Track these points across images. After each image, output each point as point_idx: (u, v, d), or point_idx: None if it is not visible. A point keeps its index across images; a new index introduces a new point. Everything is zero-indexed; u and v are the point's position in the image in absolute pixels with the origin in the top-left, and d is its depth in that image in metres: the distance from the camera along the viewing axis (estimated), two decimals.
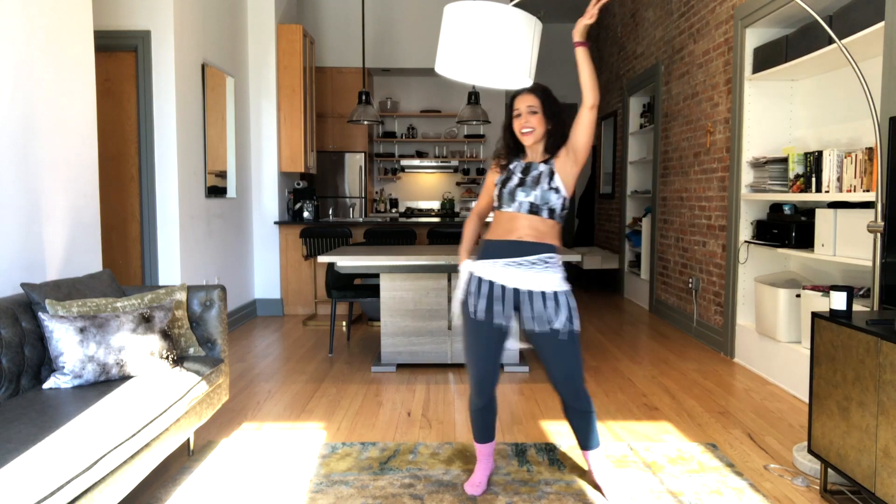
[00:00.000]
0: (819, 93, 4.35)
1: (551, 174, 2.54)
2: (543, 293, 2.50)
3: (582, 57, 2.50)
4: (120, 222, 4.88)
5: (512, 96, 2.62)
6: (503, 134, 2.66)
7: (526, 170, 2.58)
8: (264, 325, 6.15)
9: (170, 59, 4.77)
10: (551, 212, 2.52)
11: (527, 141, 2.57)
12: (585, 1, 9.41)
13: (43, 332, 2.62)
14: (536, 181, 2.53)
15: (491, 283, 2.53)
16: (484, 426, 2.72)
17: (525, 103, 2.56)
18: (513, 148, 2.63)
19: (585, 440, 2.68)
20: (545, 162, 2.58)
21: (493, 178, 2.67)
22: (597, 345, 5.33)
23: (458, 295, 2.63)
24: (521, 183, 2.54)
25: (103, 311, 2.80)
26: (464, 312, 2.59)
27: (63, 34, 3.36)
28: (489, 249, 2.56)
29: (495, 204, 2.61)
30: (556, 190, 2.52)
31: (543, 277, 2.50)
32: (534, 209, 2.51)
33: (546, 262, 2.51)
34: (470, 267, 2.59)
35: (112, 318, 2.71)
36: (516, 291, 2.51)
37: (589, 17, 2.48)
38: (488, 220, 2.75)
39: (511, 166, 2.62)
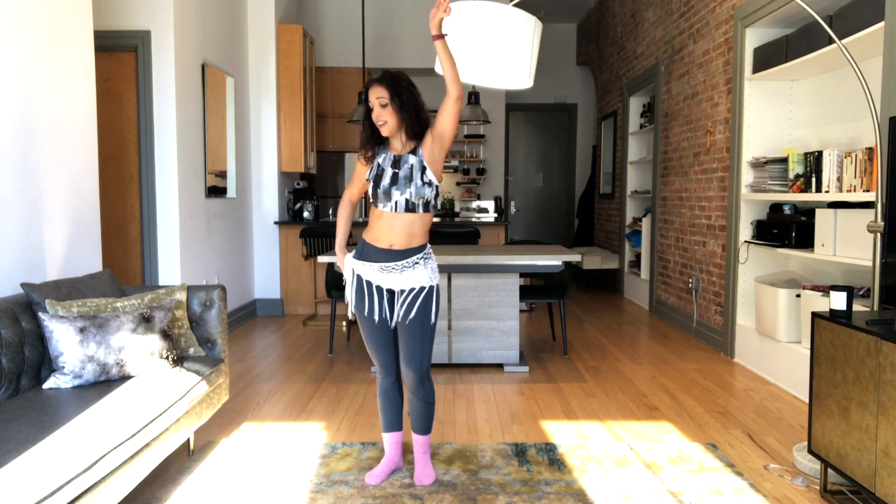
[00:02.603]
0: (819, 93, 4.35)
1: (423, 168, 2.61)
2: (413, 289, 2.67)
3: (441, 50, 2.52)
4: (120, 222, 4.88)
5: (365, 86, 2.64)
6: (363, 123, 2.68)
7: (396, 163, 2.64)
8: (264, 325, 6.15)
9: (170, 59, 4.77)
10: (426, 205, 2.63)
11: (384, 132, 2.61)
12: (584, 1, 9.34)
13: (43, 332, 2.62)
14: (409, 177, 2.60)
15: (369, 283, 2.70)
16: (392, 410, 2.84)
17: (375, 95, 2.58)
18: (375, 137, 2.67)
19: (419, 425, 2.81)
20: (413, 152, 2.64)
21: (361, 169, 2.74)
22: (597, 345, 5.33)
23: (349, 291, 2.76)
24: (395, 180, 2.61)
25: (103, 311, 2.80)
26: (356, 308, 2.73)
27: (63, 34, 3.36)
28: (366, 253, 2.68)
29: (371, 200, 2.70)
30: (429, 183, 2.61)
31: (414, 276, 2.67)
32: (410, 206, 2.61)
33: (417, 262, 2.66)
34: (351, 265, 2.73)
35: (112, 318, 2.71)
36: (390, 290, 2.71)
37: (443, 10, 2.47)
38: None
39: (380, 160, 2.67)
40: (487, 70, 2.65)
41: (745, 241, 4.68)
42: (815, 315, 2.71)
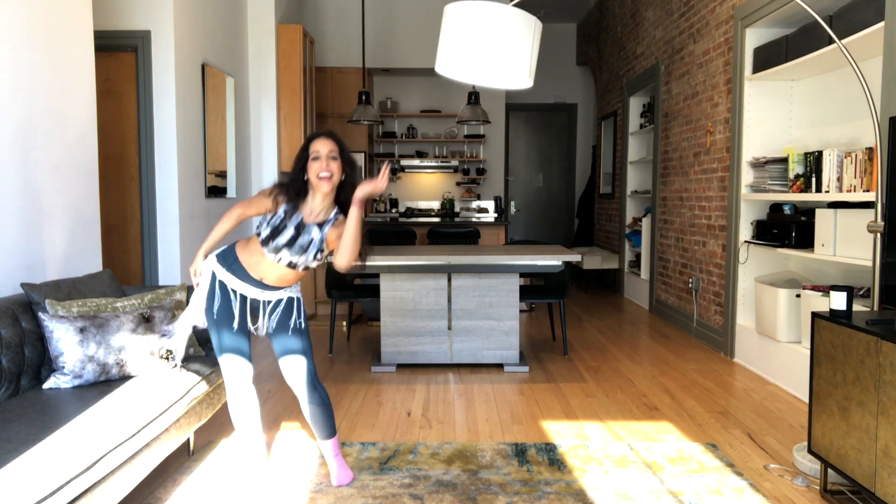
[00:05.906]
0: (819, 93, 4.35)
1: (320, 249, 2.58)
2: (280, 300, 2.68)
3: (356, 218, 2.50)
4: (120, 222, 4.88)
5: (308, 139, 2.63)
6: (295, 166, 2.62)
7: (299, 228, 2.56)
8: None
9: (170, 59, 4.77)
10: (306, 268, 2.63)
11: (324, 187, 2.55)
12: (584, 1, 9.32)
13: (43, 332, 2.62)
14: (304, 249, 2.56)
15: (234, 290, 2.64)
16: (253, 420, 2.76)
17: (326, 147, 2.57)
18: (300, 190, 2.61)
19: (326, 431, 2.77)
20: (320, 226, 2.57)
21: (265, 202, 2.63)
22: (597, 345, 5.33)
23: (202, 293, 2.68)
24: (290, 243, 2.54)
25: (103, 311, 2.80)
26: (207, 313, 2.66)
27: (63, 34, 3.36)
28: (238, 271, 2.63)
29: (259, 234, 2.59)
30: (318, 258, 2.60)
31: (280, 291, 2.69)
32: (291, 265, 2.59)
33: (285, 290, 2.70)
34: (213, 268, 2.66)
35: (112, 318, 2.71)
36: (254, 299, 2.67)
37: (383, 183, 2.46)
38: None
39: (285, 209, 2.57)
40: (487, 70, 2.65)
41: (745, 241, 4.68)
42: (815, 315, 2.71)
